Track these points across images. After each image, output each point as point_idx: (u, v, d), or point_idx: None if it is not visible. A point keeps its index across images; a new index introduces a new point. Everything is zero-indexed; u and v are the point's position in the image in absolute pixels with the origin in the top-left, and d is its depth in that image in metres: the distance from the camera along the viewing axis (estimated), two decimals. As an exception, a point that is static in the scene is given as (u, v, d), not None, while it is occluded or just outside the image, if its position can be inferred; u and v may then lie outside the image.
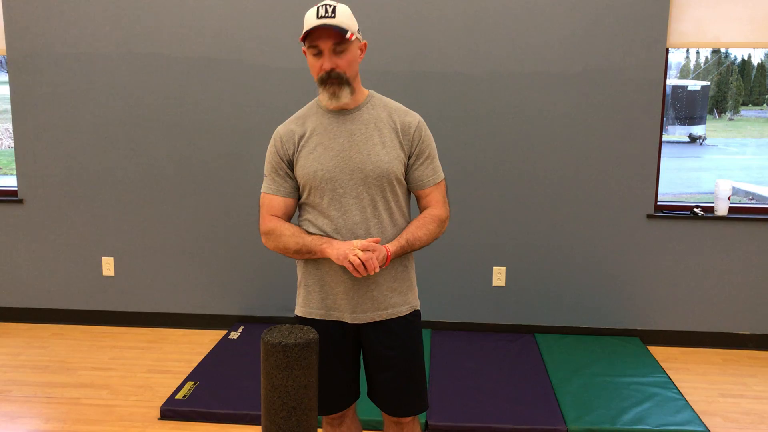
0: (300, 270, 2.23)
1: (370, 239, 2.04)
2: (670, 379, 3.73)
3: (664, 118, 4.21)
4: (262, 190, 2.21)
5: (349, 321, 2.16)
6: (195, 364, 3.95)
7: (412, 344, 2.21)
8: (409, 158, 2.17)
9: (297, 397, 1.90)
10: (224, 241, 4.47)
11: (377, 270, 2.01)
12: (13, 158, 4.58)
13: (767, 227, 4.18)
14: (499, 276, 4.37)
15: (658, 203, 4.29)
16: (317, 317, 2.18)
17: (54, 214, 4.54)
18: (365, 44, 2.16)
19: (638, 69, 4.09)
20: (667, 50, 4.10)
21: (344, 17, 2.04)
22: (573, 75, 4.13)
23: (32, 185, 4.53)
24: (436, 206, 2.22)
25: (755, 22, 4.05)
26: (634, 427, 3.19)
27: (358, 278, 2.11)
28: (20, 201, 4.54)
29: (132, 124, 4.40)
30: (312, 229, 2.14)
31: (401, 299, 2.20)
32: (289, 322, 4.52)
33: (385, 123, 2.15)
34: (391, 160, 2.11)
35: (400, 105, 2.21)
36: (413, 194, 2.25)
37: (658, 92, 4.11)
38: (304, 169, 2.11)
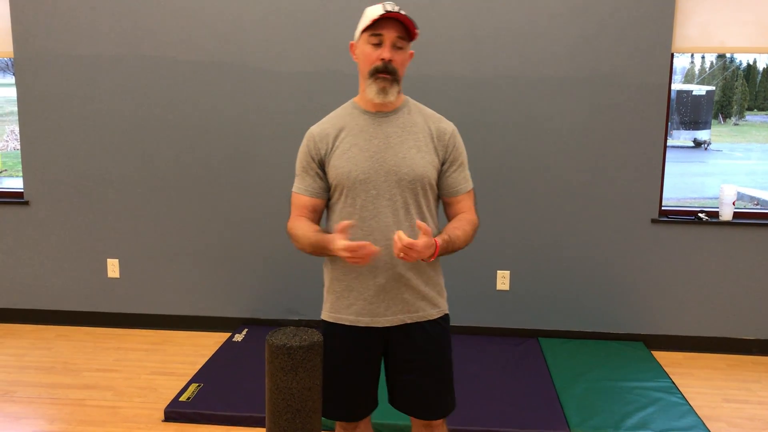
0: (327, 276, 2.21)
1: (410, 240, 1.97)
2: (674, 384, 3.73)
3: (669, 123, 4.21)
4: (292, 190, 2.21)
5: (380, 325, 2.14)
6: (199, 366, 3.95)
7: (442, 347, 2.20)
8: (443, 164, 2.17)
9: (301, 399, 1.90)
10: (229, 243, 4.48)
11: (422, 257, 1.94)
12: (20, 160, 4.60)
13: (772, 232, 4.18)
14: (503, 280, 4.37)
15: (663, 208, 4.29)
16: (346, 323, 2.16)
17: (60, 215, 4.56)
18: (412, 54, 2.16)
19: (643, 74, 4.09)
20: (672, 55, 4.10)
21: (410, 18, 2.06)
22: (577, 80, 4.14)
23: (38, 187, 4.54)
24: (469, 212, 2.21)
25: (761, 27, 4.05)
26: (638, 431, 3.18)
27: (388, 281, 2.09)
28: (26, 203, 4.56)
29: (138, 126, 4.41)
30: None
31: (431, 303, 2.19)
32: (293, 324, 4.53)
33: (421, 128, 2.15)
34: (426, 164, 2.11)
35: (435, 112, 2.22)
36: (443, 201, 2.23)
37: (663, 97, 4.11)
38: (337, 169, 2.10)
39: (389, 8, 2.02)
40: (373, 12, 2.04)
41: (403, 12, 2.02)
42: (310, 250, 2.09)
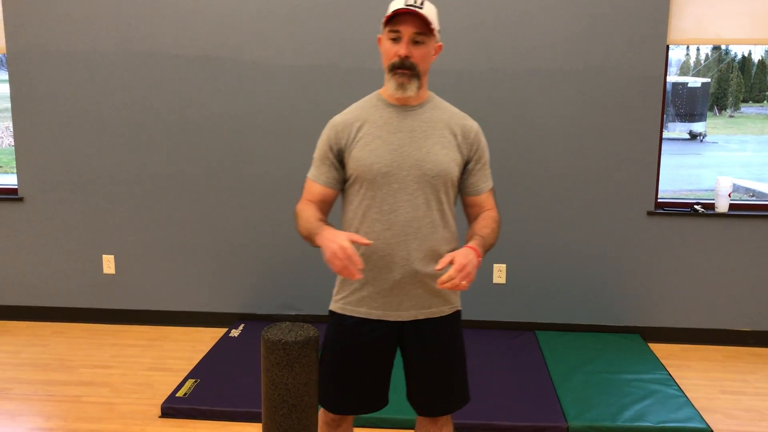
0: None
1: (444, 260, 1.93)
2: (670, 375, 3.73)
3: (665, 116, 4.21)
4: (308, 175, 2.19)
5: (391, 319, 2.12)
6: (196, 362, 3.95)
7: (453, 343, 2.19)
8: (467, 163, 2.15)
9: (297, 395, 1.90)
10: (225, 238, 4.47)
11: (468, 284, 1.91)
12: (14, 156, 4.58)
13: (768, 224, 4.18)
14: (499, 273, 4.37)
15: (659, 200, 4.29)
16: (358, 315, 2.14)
17: (54, 212, 4.54)
18: (440, 46, 2.13)
19: (638, 66, 4.09)
20: (668, 47, 4.10)
21: (431, 12, 2.04)
22: (573, 72, 4.13)
23: (33, 183, 4.53)
24: (493, 210, 2.20)
25: (755, 19, 4.05)
26: (635, 423, 3.19)
27: (404, 277, 2.08)
28: (20, 199, 4.54)
29: (132, 122, 4.40)
30: (362, 227, 2.09)
31: (444, 299, 2.17)
32: (289, 319, 4.53)
33: (446, 124, 2.13)
34: (449, 161, 2.09)
35: (459, 110, 2.20)
36: (464, 200, 2.21)
37: (659, 89, 4.11)
38: (359, 161, 2.07)
39: (410, 2, 2.00)
40: (393, 6, 2.03)
41: (422, 6, 2.00)
42: (305, 234, 2.07)
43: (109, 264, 4.57)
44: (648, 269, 4.28)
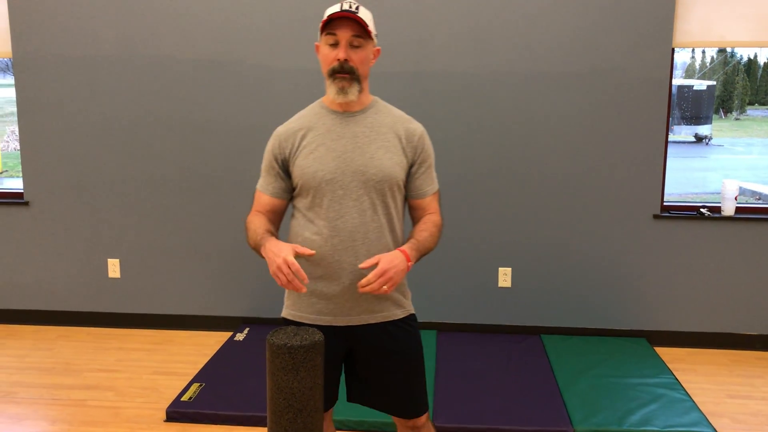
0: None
1: (369, 261, 1.97)
2: (677, 380, 3.72)
3: (670, 118, 4.20)
4: (257, 186, 2.21)
5: (341, 324, 2.14)
6: (201, 366, 3.95)
7: (409, 347, 2.20)
8: (411, 166, 2.16)
9: (303, 399, 1.89)
10: (230, 242, 4.47)
11: (398, 273, 1.95)
12: (20, 161, 4.59)
13: (774, 227, 4.16)
14: (504, 277, 4.36)
15: (665, 203, 4.27)
16: (308, 321, 2.16)
17: (60, 216, 4.55)
18: (378, 50, 2.15)
19: (644, 69, 4.08)
20: (673, 50, 4.09)
21: (366, 16, 2.05)
22: (578, 75, 4.12)
23: (38, 187, 4.54)
24: (435, 214, 2.21)
25: (761, 21, 4.04)
26: (641, 428, 3.17)
27: (353, 283, 2.09)
28: (26, 203, 4.55)
29: (137, 126, 4.41)
30: (307, 233, 2.11)
31: (396, 304, 2.18)
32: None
33: (389, 128, 2.13)
34: (394, 165, 2.10)
35: (404, 113, 2.21)
36: (409, 203, 2.23)
37: (664, 92, 4.10)
38: (303, 169, 2.08)
39: (345, 6, 2.02)
40: (329, 11, 2.04)
41: (357, 10, 2.02)
42: (252, 246, 2.09)
43: (114, 268, 4.57)
44: (654, 273, 4.26)
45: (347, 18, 2.01)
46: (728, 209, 4.21)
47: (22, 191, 4.62)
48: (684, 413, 3.32)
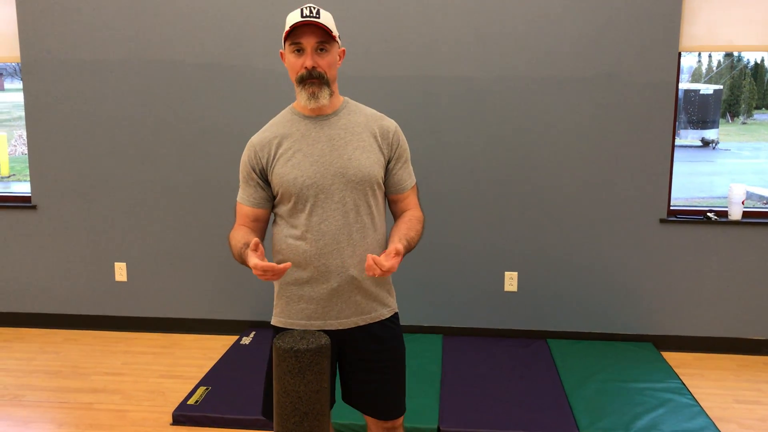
0: (277, 281, 2.20)
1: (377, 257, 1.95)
2: (684, 385, 3.70)
3: (677, 123, 4.19)
4: (237, 199, 2.22)
5: (333, 327, 2.15)
6: (207, 370, 3.95)
7: (395, 346, 2.23)
8: (389, 162, 2.18)
9: (309, 402, 1.89)
10: (236, 246, 4.47)
11: (392, 269, 1.94)
12: (27, 165, 4.61)
13: (782, 231, 4.15)
14: (511, 281, 4.35)
15: (671, 208, 4.26)
16: (298, 327, 2.17)
17: (67, 220, 4.57)
18: (344, 51, 2.17)
19: (650, 72, 4.07)
20: (680, 54, 4.08)
21: (328, 21, 2.06)
22: (584, 79, 4.12)
23: (46, 191, 4.56)
24: (416, 209, 2.24)
25: (768, 25, 4.03)
26: (648, 433, 3.16)
27: (341, 285, 2.11)
28: (34, 207, 4.57)
29: (144, 130, 4.42)
30: (291, 239, 2.12)
31: (382, 303, 2.21)
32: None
33: (363, 127, 2.15)
34: (372, 164, 2.12)
35: (375, 110, 2.23)
36: (389, 198, 2.25)
37: (671, 96, 4.09)
38: (282, 177, 2.09)
39: (306, 13, 2.02)
40: (291, 19, 2.04)
41: (318, 15, 2.02)
42: (238, 260, 2.08)
43: (121, 272, 4.58)
44: (661, 277, 4.25)
45: (310, 25, 2.02)
46: (735, 213, 4.19)
47: (29, 195, 4.64)
48: (691, 418, 3.31)
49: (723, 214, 4.25)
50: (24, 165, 16.91)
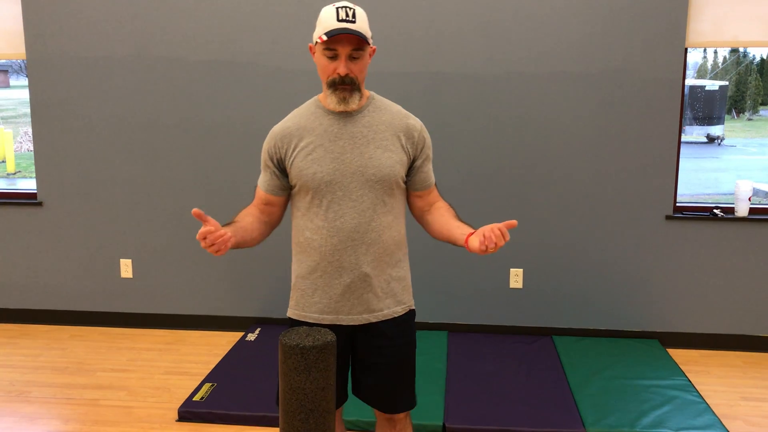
0: (293, 273, 2.24)
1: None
2: (690, 382, 3.69)
3: (682, 119, 4.18)
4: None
5: (344, 323, 2.16)
6: (212, 366, 3.96)
7: (406, 343, 2.24)
8: (414, 161, 2.18)
9: (315, 400, 1.89)
10: (241, 243, 4.48)
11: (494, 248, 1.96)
12: (33, 161, 4.62)
13: (789, 228, 4.13)
14: (516, 278, 4.34)
15: (677, 204, 4.25)
16: (311, 321, 2.19)
17: (73, 216, 4.58)
18: (374, 50, 2.15)
19: (656, 69, 4.06)
20: (686, 50, 4.06)
21: (363, 22, 2.04)
22: (590, 75, 4.11)
23: (51, 188, 4.57)
24: (441, 200, 2.27)
25: (776, 21, 4.01)
26: (654, 430, 3.16)
27: (354, 281, 2.12)
28: (40, 203, 4.58)
29: (149, 126, 4.43)
30: (308, 233, 2.13)
31: (397, 300, 2.21)
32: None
33: (387, 126, 2.14)
34: (393, 163, 2.11)
35: (401, 108, 2.22)
36: (413, 195, 2.25)
37: (677, 92, 4.08)
38: (301, 171, 2.09)
39: (342, 16, 1.99)
40: (326, 21, 2.01)
41: (355, 19, 2.00)
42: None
43: (126, 268, 4.59)
44: (666, 274, 4.24)
45: (347, 32, 1.98)
46: (742, 210, 4.18)
47: (35, 192, 4.65)
48: (697, 415, 3.30)
49: (729, 210, 4.24)
50: (30, 162, 16.96)
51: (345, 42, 2.00)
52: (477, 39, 4.14)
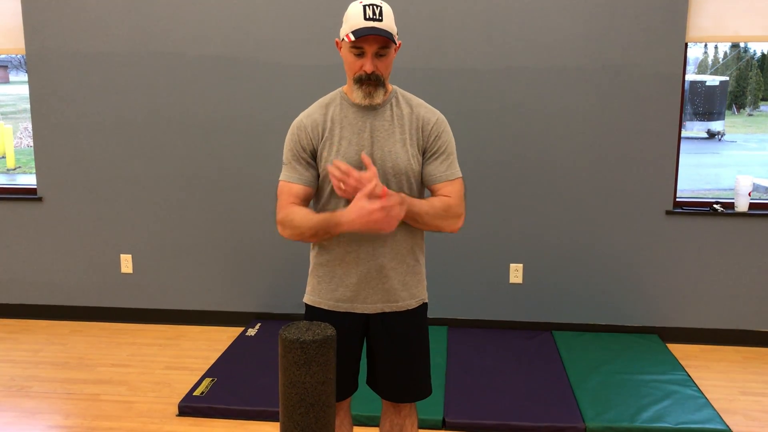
0: (312, 261, 2.26)
1: (367, 174, 1.97)
2: (689, 376, 3.70)
3: (683, 114, 4.17)
4: (281, 179, 2.19)
5: (359, 311, 2.20)
6: (213, 361, 3.97)
7: (419, 335, 2.27)
8: (424, 154, 2.18)
9: (315, 394, 1.90)
10: (241, 238, 4.48)
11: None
12: (33, 157, 4.62)
13: (788, 223, 4.13)
14: (516, 273, 4.35)
15: (677, 199, 4.25)
16: (326, 308, 2.22)
17: (73, 211, 4.58)
18: (400, 45, 2.17)
19: (657, 64, 4.05)
20: (686, 45, 4.06)
21: (390, 20, 2.06)
22: (591, 70, 4.10)
23: (51, 183, 4.57)
24: (452, 197, 2.17)
25: (776, 16, 4.00)
26: (654, 425, 3.16)
27: (370, 271, 2.14)
28: (39, 199, 4.58)
29: (149, 122, 4.42)
30: None
31: (411, 293, 2.24)
32: (306, 318, 4.53)
33: (407, 119, 2.17)
34: (410, 158, 2.14)
35: (423, 101, 2.23)
36: (427, 190, 2.25)
37: (677, 87, 4.07)
38: (327, 161, 2.12)
39: (369, 14, 2.01)
40: (353, 19, 2.03)
41: (382, 17, 2.01)
42: (310, 233, 2.07)
43: (126, 263, 4.60)
44: (666, 269, 4.24)
45: (374, 31, 2.00)
46: (742, 205, 4.18)
47: (35, 187, 4.65)
48: (697, 410, 3.31)
49: (729, 205, 4.24)
50: (30, 157, 16.95)
51: (372, 41, 2.03)
52: (477, 34, 4.13)
